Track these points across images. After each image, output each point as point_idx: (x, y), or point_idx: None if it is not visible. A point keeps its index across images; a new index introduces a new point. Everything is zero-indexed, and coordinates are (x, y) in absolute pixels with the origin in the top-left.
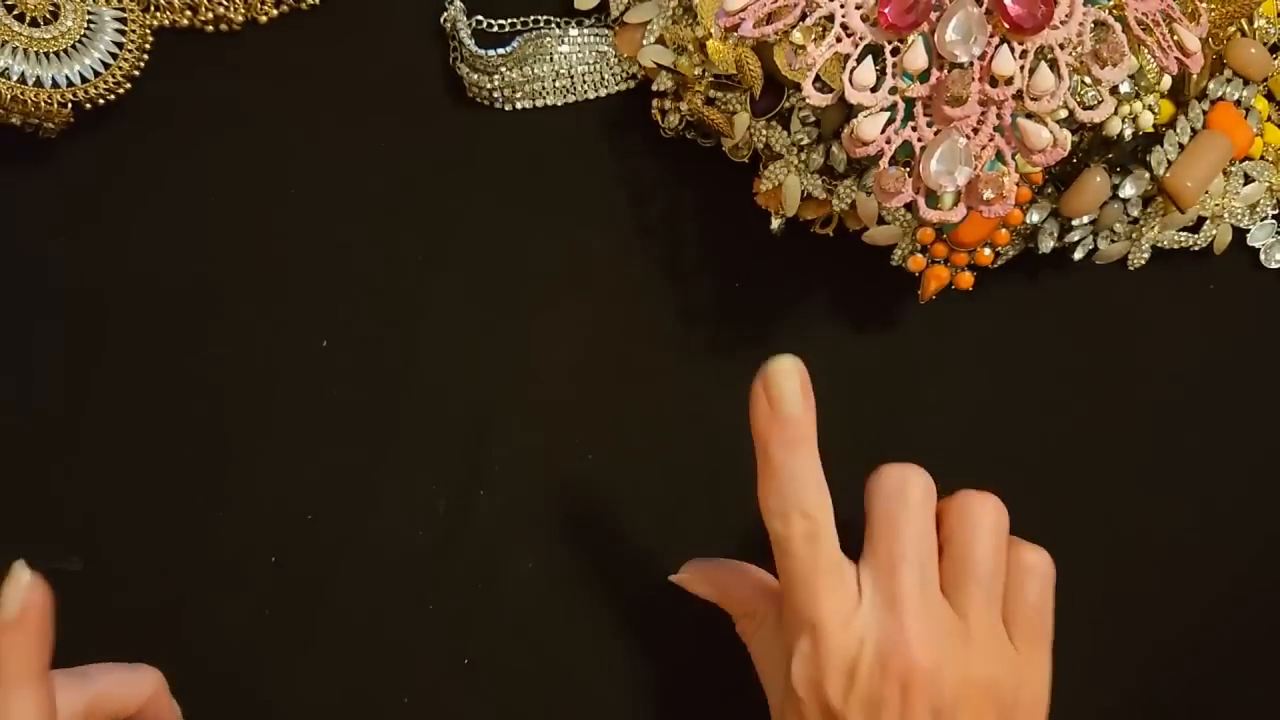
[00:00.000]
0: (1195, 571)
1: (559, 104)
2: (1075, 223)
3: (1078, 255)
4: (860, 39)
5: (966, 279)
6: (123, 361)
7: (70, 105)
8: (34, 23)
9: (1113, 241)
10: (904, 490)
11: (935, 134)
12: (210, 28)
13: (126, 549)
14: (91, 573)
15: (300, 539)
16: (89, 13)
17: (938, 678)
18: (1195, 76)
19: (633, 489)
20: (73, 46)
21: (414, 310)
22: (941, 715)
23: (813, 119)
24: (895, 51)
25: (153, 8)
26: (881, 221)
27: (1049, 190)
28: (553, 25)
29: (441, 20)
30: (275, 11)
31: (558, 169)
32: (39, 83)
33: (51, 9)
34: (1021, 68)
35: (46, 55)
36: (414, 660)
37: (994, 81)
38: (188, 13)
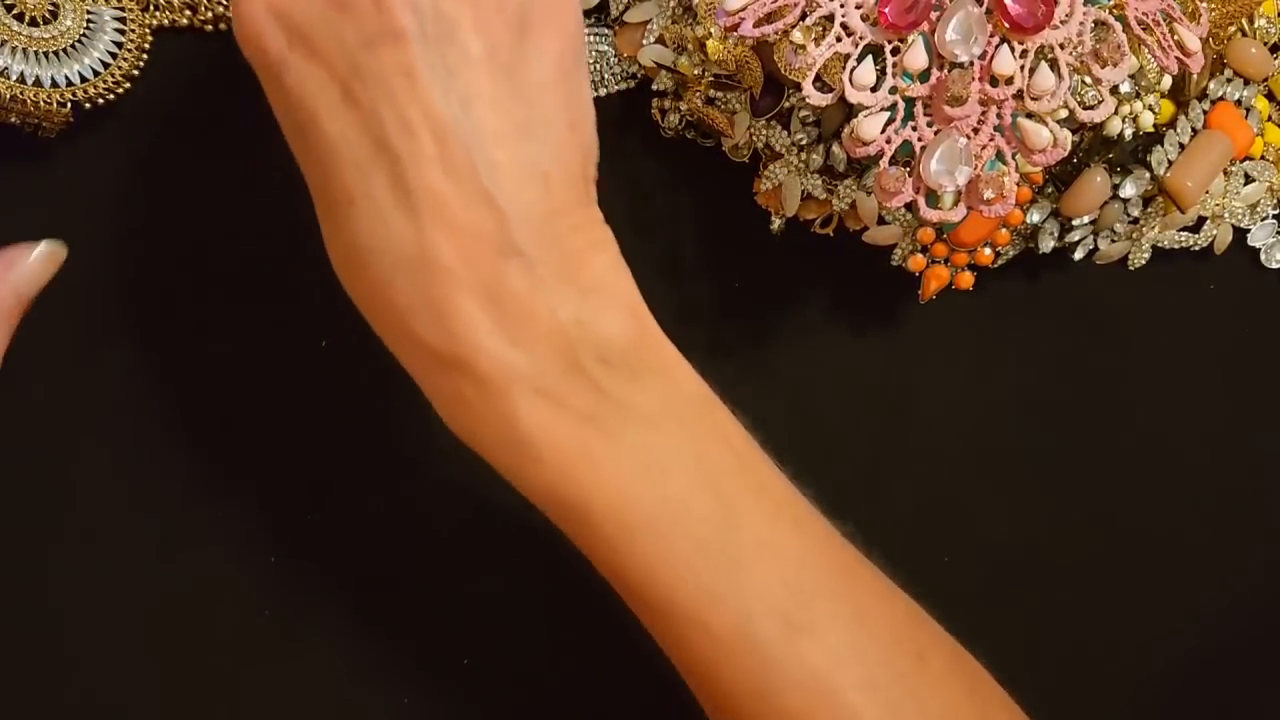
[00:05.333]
0: (1195, 571)
1: None
2: (1075, 222)
3: (1078, 255)
4: (860, 39)
5: (967, 279)
6: (122, 361)
7: (69, 105)
8: (33, 22)
9: (1113, 241)
10: None
11: (935, 134)
12: (210, 27)
13: (125, 548)
14: (90, 572)
15: (300, 539)
16: (88, 12)
17: None
18: (1196, 76)
19: None
20: (72, 46)
21: None
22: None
23: (813, 119)
24: (895, 51)
25: (152, 7)
26: (882, 221)
27: (1049, 190)
28: None
29: None
30: None
31: None
32: (38, 82)
33: (51, 8)
34: (1022, 67)
35: (46, 55)
36: (414, 660)
37: (994, 81)
38: (187, 12)
